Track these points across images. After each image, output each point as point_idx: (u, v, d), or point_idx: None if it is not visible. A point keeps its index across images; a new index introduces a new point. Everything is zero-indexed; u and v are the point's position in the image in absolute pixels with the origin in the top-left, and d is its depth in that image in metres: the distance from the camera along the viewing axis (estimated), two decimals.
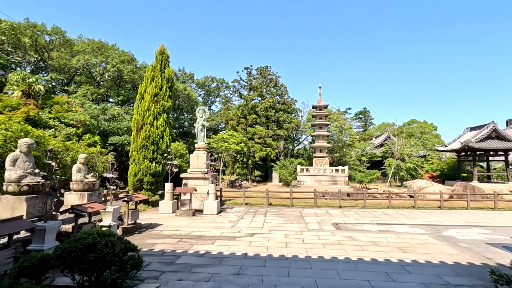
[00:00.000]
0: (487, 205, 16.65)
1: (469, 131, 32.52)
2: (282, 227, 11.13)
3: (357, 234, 9.97)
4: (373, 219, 12.76)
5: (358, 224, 11.70)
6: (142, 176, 15.07)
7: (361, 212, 14.83)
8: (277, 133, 37.38)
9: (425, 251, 7.98)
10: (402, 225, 11.50)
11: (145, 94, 15.94)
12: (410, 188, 23.23)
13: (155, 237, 9.36)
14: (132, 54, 32.77)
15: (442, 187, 21.52)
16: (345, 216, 13.69)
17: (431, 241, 9.07)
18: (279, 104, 40.42)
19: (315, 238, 9.41)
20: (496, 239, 9.35)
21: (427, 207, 16.44)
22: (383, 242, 8.86)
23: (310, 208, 16.29)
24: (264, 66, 42.33)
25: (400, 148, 31.50)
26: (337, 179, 31.96)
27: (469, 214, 14.17)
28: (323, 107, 36.54)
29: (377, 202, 17.58)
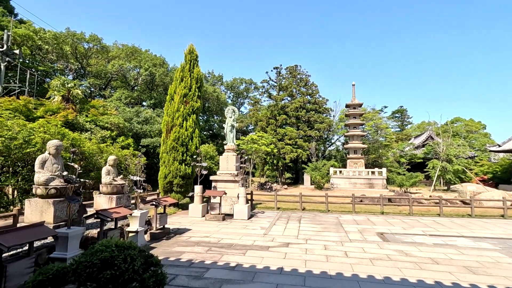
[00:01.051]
0: None
1: None
2: (319, 236, 10.07)
3: (409, 247, 8.62)
4: (424, 229, 11.20)
5: (407, 235, 10.27)
6: (172, 178, 14.80)
7: (407, 220, 13.23)
8: (308, 134, 36.01)
9: (502, 273, 6.52)
10: (462, 238, 9.87)
11: (175, 95, 15.72)
12: (462, 193, 20.78)
13: (183, 244, 8.81)
14: (163, 57, 33.51)
15: (502, 193, 18.90)
16: (390, 224, 12.23)
17: (506, 260, 7.50)
18: (309, 103, 39.03)
19: (360, 251, 8.25)
20: None
21: (486, 215, 14.32)
22: (444, 259, 7.48)
23: (348, 214, 14.95)
24: (293, 65, 41.23)
25: (446, 148, 28.64)
26: (374, 182, 29.89)
27: None
28: (357, 106, 34.56)
29: (424, 209, 15.74)
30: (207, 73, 49.95)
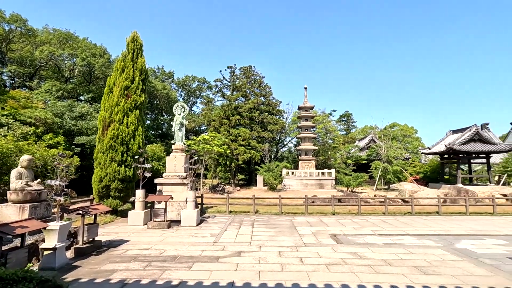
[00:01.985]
0: (483, 210, 15.92)
1: (452, 134, 32.62)
2: (273, 241, 9.49)
3: (362, 249, 8.52)
4: (373, 229, 11.41)
5: (359, 236, 10.29)
6: (109, 181, 12.93)
7: (357, 220, 13.50)
8: (262, 135, 35.88)
9: (449, 272, 6.63)
10: (408, 236, 10.21)
11: (114, 87, 13.85)
12: (401, 191, 22.41)
13: (116, 259, 7.42)
14: (104, 47, 30.14)
15: (434, 191, 20.82)
16: (341, 225, 12.27)
17: (450, 257, 7.77)
18: (263, 105, 39.01)
19: (315, 256, 7.86)
20: None
21: (424, 212, 15.43)
22: (396, 260, 7.45)
23: (301, 215, 14.79)
24: (248, 66, 40.85)
25: (386, 151, 30.94)
26: (324, 183, 30.89)
27: (472, 221, 13.22)
28: (309, 108, 35.52)
29: (371, 208, 16.40)
30: (156, 68, 46.88)
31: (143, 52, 14.63)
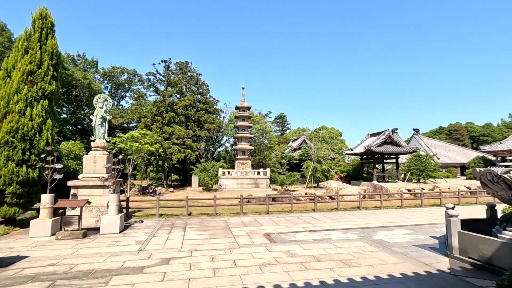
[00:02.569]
0: (393, 204, 18.26)
1: (370, 137, 36.89)
2: (206, 244, 9.02)
3: (294, 246, 8.71)
4: (304, 226, 11.91)
5: (291, 233, 10.57)
6: (5, 185, 10.57)
7: (290, 217, 13.97)
8: (198, 134, 34.74)
9: (368, 262, 7.20)
10: (334, 231, 10.92)
11: (14, 72, 11.41)
12: (328, 189, 24.24)
13: (7, 282, 5.97)
14: (3, 22, 24.93)
15: (356, 188, 23.10)
16: (275, 223, 12.49)
17: (369, 248, 8.51)
18: (200, 103, 37.87)
19: (249, 257, 7.69)
20: (420, 239, 9.51)
21: (347, 208, 16.90)
22: (324, 255, 7.79)
23: (236, 216, 14.61)
24: (184, 62, 39.15)
25: (317, 151, 33.23)
26: (259, 182, 31.51)
27: (385, 214, 14.98)
28: (246, 109, 35.84)
29: (302, 206, 17.23)
30: (76, 55, 41.21)
31: (55, 33, 12.42)
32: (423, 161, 33.17)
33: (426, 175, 32.72)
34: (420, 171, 32.80)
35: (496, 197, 7.27)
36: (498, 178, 6.73)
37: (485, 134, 72.05)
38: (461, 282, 5.95)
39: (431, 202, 18.77)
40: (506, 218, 7.24)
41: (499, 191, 6.90)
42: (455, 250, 7.30)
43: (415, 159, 33.86)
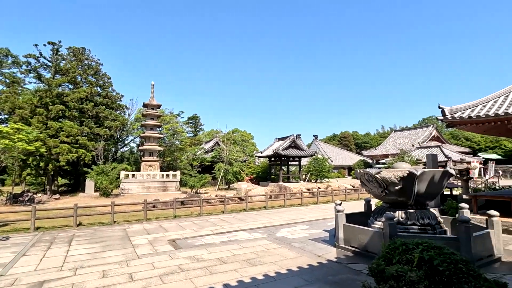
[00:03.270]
0: (295, 202, 20.04)
1: (278, 141, 39.77)
2: (97, 259, 7.78)
3: (200, 251, 8.40)
4: (213, 229, 11.72)
5: (198, 238, 10.21)
6: None
7: (198, 221, 13.54)
8: (96, 132, 30.38)
9: (271, 259, 7.55)
10: (241, 232, 11.11)
11: None
12: (239, 190, 24.81)
13: None
14: None
15: (263, 189, 24.36)
16: (182, 228, 11.87)
17: (272, 246, 8.96)
18: (100, 97, 33.31)
19: (149, 268, 6.99)
20: (315, 233, 10.62)
21: (255, 208, 17.60)
22: (230, 257, 7.78)
23: (139, 223, 13.26)
24: (80, 48, 33.80)
25: (228, 153, 33.67)
26: (168, 185, 29.80)
27: (288, 212, 16.22)
28: (155, 107, 33.44)
29: (212, 208, 17.03)
30: None
31: None
32: (320, 163, 37.73)
33: (322, 176, 37.32)
34: (318, 172, 37.18)
35: (371, 193, 8.74)
36: (372, 177, 8.09)
37: (365, 141, 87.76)
38: (344, 268, 6.84)
39: (325, 200, 21.45)
40: (377, 210, 8.78)
41: (373, 188, 8.31)
42: (341, 241, 8.40)
43: (314, 161, 38.22)
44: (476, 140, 62.72)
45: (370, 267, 4.32)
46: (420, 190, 7.51)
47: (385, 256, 4.50)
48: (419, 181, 7.40)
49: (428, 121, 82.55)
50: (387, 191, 7.87)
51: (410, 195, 7.62)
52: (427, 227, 7.59)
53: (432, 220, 7.74)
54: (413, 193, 7.54)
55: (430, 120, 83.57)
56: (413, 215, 7.77)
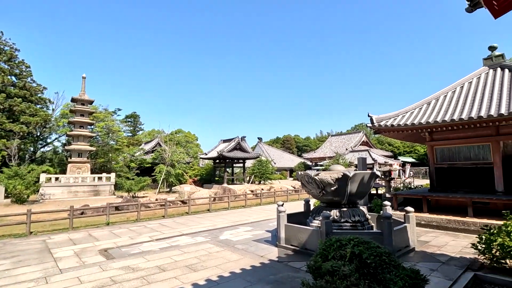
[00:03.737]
0: (239, 204, 20.13)
1: (223, 143, 39.57)
2: (6, 278, 6.60)
3: (136, 260, 7.79)
4: (151, 235, 10.99)
5: (135, 245, 9.47)
6: None
7: (135, 227, 12.56)
8: (8, 128, 26.02)
9: (214, 263, 7.40)
10: (183, 236, 10.67)
11: None
12: (181, 193, 23.88)
13: None
14: None
15: (207, 191, 23.90)
16: (116, 236, 10.86)
17: (215, 249, 8.80)
18: (15, 87, 28.68)
19: (74, 283, 6.20)
20: (258, 234, 10.79)
21: (199, 211, 17.12)
22: (170, 264, 7.39)
23: (63, 232, 11.71)
24: None
25: (171, 155, 32.22)
26: (101, 189, 27.13)
27: (232, 214, 16.17)
28: (86, 102, 30.16)
29: (151, 213, 16.00)
30: None
31: None
32: (264, 166, 38.70)
33: (265, 177, 38.33)
34: (261, 174, 38.08)
35: (310, 194, 9.26)
36: (311, 179, 8.58)
37: (306, 145, 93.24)
38: (285, 266, 7.08)
39: (268, 201, 22.04)
40: (315, 210, 9.35)
41: (312, 189, 8.82)
42: (282, 241, 8.70)
43: (258, 163, 39.05)
44: (397, 146, 72.03)
45: (308, 264, 4.55)
46: (352, 190, 8.24)
47: (321, 253, 4.79)
48: (351, 182, 8.12)
49: (359, 127, 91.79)
50: (324, 191, 8.43)
51: (344, 195, 8.31)
52: (357, 224, 8.36)
53: (362, 217, 8.55)
54: (346, 193, 8.23)
55: (361, 126, 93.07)
56: (346, 213, 8.48)
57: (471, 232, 9.56)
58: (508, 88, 10.87)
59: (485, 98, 10.95)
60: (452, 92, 12.74)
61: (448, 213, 11.11)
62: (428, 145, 13.03)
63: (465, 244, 8.38)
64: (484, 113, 9.92)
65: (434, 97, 12.98)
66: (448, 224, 10.39)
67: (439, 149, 12.81)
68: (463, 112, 10.77)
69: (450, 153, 12.38)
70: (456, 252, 7.82)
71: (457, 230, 10.10)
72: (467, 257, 7.31)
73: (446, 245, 8.52)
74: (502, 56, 12.76)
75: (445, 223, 10.48)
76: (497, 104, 10.21)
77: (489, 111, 9.98)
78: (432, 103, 12.77)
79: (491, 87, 11.55)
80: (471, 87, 12.31)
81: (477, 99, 11.18)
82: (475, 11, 4.66)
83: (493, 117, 9.62)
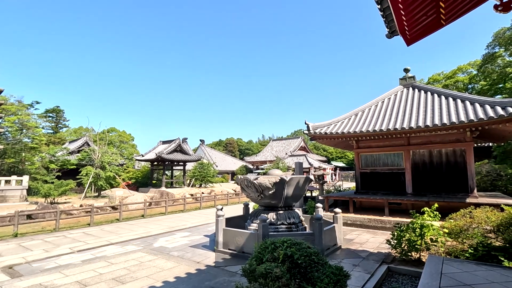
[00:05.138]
0: (177, 208, 19.30)
1: (162, 144, 37.62)
2: None
3: (51, 276, 6.80)
4: (72, 246, 9.74)
5: (50, 259, 8.26)
6: None
7: (52, 238, 10.98)
8: None
9: (145, 273, 6.92)
10: (111, 246, 9.72)
11: None
12: (112, 198, 21.82)
13: None
14: None
15: (143, 195, 22.32)
16: (26, 250, 9.33)
17: (147, 258, 8.24)
18: None
19: None
20: (196, 240, 10.48)
21: (131, 217, 15.83)
22: (93, 278, 6.65)
23: None
24: None
25: (101, 156, 29.27)
26: (8, 194, 23.19)
27: (169, 219, 15.37)
28: None
29: (74, 221, 14.20)
30: None
31: None
32: (205, 168, 37.94)
33: (207, 181, 37.62)
34: (203, 177, 37.25)
35: (249, 197, 9.40)
36: (250, 183, 8.73)
37: (248, 148, 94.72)
38: (221, 271, 7.01)
39: (208, 204, 21.66)
40: (253, 213, 9.52)
41: (251, 193, 8.96)
42: (220, 245, 8.61)
43: (200, 166, 38.11)
44: (330, 151, 78.44)
45: (243, 267, 4.58)
46: (289, 193, 8.64)
47: (257, 256, 4.88)
48: (288, 186, 8.51)
49: (298, 133, 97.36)
50: (263, 195, 8.65)
51: (281, 198, 8.65)
52: (292, 226, 8.78)
53: (296, 219, 9.02)
54: (283, 196, 8.60)
55: (300, 132, 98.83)
56: (282, 216, 8.83)
57: (387, 230, 10.90)
58: (417, 105, 12.81)
59: (400, 113, 12.70)
60: (375, 106, 14.46)
61: (369, 213, 12.48)
62: (355, 152, 14.48)
63: (382, 240, 9.51)
64: (398, 125, 11.50)
65: (360, 109, 14.54)
66: (369, 222, 11.67)
67: (363, 156, 14.33)
68: (382, 124, 12.29)
69: (372, 160, 13.97)
70: (375, 248, 8.81)
71: (376, 228, 11.41)
72: (383, 251, 8.30)
73: (366, 242, 9.53)
74: (413, 78, 15.02)
75: (367, 222, 11.74)
76: (408, 118, 11.94)
77: (402, 124, 11.60)
78: (359, 114, 14.27)
79: (404, 103, 13.46)
80: (389, 103, 14.15)
81: (393, 114, 12.90)
82: (393, 38, 5.40)
83: (405, 129, 11.21)
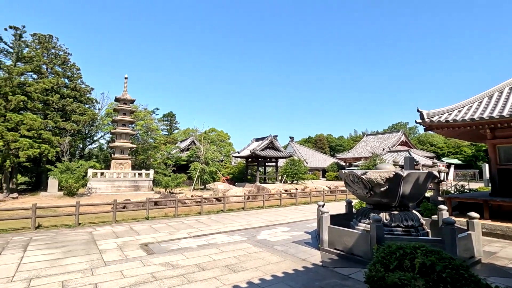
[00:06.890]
0: (273, 203, 19.74)
1: (255, 142, 39.45)
2: (57, 267, 6.88)
3: (176, 256, 7.74)
4: (189, 231, 11.03)
5: (173, 241, 9.51)
6: None
7: (173, 223, 12.75)
8: (62, 126, 28.24)
9: (253, 264, 7.09)
10: (220, 234, 10.54)
11: None
12: (215, 191, 24.08)
13: None
14: None
15: (241, 189, 23.84)
16: (155, 231, 11.06)
17: (253, 249, 8.49)
18: (67, 89, 31.09)
19: (118, 277, 6.24)
20: (297, 235, 10.30)
21: (233, 209, 17.04)
22: (209, 262, 7.21)
23: (107, 225, 12.22)
24: (47, 35, 31.31)
25: (205, 153, 32.78)
26: (140, 185, 28.37)
27: (267, 213, 15.84)
28: (128, 102, 31.75)
29: (187, 209, 16.23)
30: None
31: None
32: (296, 165, 37.89)
33: (298, 177, 37.49)
34: (294, 174, 37.31)
35: (355, 194, 8.57)
36: (357, 178, 7.92)
37: (339, 145, 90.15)
38: (331, 272, 6.54)
39: (303, 201, 21.37)
40: (361, 212, 8.65)
41: (357, 189, 8.14)
42: (325, 244, 8.13)
43: (291, 163, 38.34)
44: (440, 146, 66.63)
45: (368, 274, 4.01)
46: (405, 192, 7.44)
47: (380, 261, 4.21)
48: (404, 183, 7.33)
49: (397, 126, 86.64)
50: (372, 192, 7.73)
51: (395, 196, 7.54)
52: (411, 229, 7.53)
53: (416, 222, 7.70)
54: (398, 194, 7.45)
55: (399, 125, 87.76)
56: (397, 217, 7.69)
57: None
58: None
59: None
60: None
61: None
62: (490, 143, 11.54)
63: None
64: None
65: (497, 89, 11.48)
66: None
67: (502, 148, 11.28)
68: None
69: None
70: None
71: None
72: None
73: None
74: None
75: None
76: None
77: None
78: (495, 96, 11.29)
79: None
80: None
81: None
82: None
83: None
